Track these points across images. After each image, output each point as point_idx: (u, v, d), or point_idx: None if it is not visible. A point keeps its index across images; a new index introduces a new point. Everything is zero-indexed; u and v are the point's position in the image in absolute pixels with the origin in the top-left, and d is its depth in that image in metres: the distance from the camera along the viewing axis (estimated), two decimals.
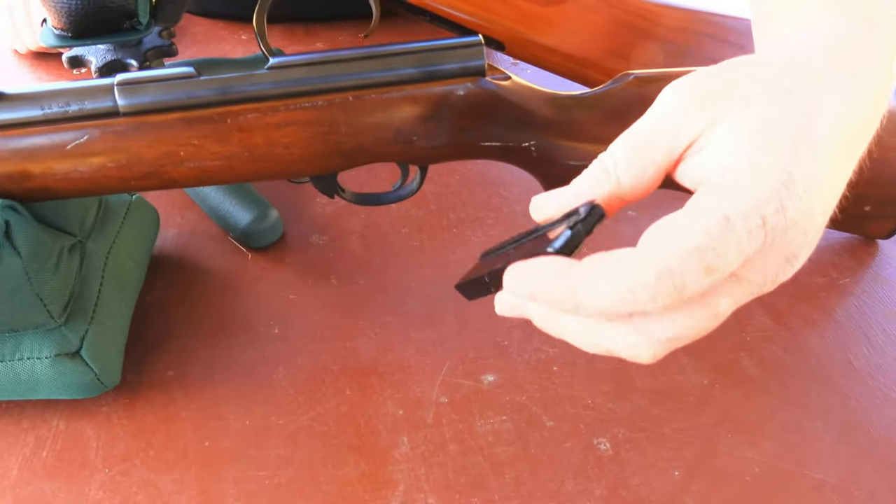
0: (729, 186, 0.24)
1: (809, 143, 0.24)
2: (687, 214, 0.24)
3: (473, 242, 0.51)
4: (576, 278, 0.24)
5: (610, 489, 0.37)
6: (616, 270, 0.23)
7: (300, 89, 0.34)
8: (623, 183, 0.26)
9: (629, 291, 0.23)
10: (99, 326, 0.38)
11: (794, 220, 0.24)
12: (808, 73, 0.26)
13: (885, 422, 0.40)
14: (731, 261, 0.23)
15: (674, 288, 0.23)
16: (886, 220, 0.48)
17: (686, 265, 0.22)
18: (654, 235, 0.24)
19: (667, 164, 0.26)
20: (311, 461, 0.38)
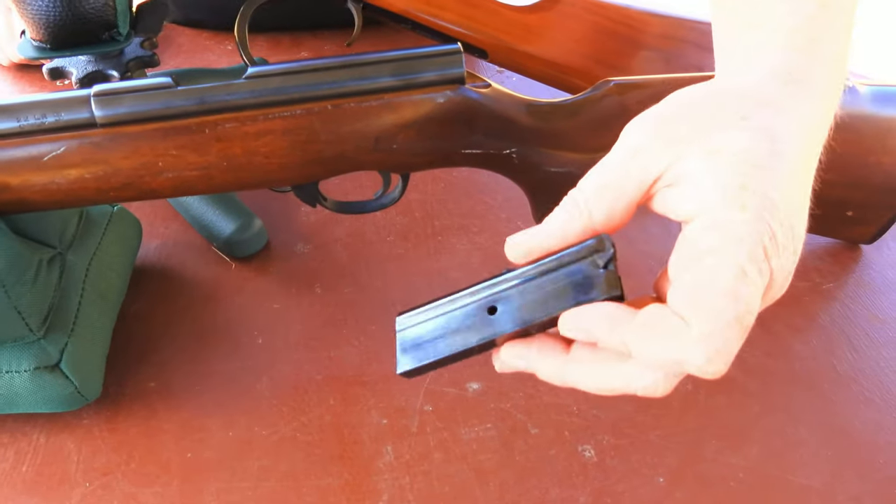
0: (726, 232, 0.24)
1: (779, 161, 0.25)
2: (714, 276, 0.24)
3: (458, 250, 0.51)
4: (630, 338, 0.25)
5: (594, 496, 0.37)
6: (669, 341, 0.24)
7: (278, 98, 0.34)
8: (595, 218, 0.27)
9: (677, 364, 0.24)
10: (79, 339, 0.37)
11: (783, 242, 0.25)
12: (759, 101, 0.27)
13: (869, 426, 0.40)
14: (757, 305, 0.24)
15: (725, 363, 0.24)
16: (869, 225, 0.48)
17: (730, 337, 0.24)
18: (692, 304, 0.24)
19: (637, 198, 0.27)
20: (295, 471, 0.38)
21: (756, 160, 0.25)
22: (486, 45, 0.51)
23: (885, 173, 0.44)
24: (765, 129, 0.26)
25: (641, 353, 0.25)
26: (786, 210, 0.25)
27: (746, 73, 0.28)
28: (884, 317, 0.47)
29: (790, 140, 0.26)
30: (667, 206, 0.27)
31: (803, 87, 0.27)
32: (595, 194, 0.27)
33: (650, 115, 0.28)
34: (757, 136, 0.26)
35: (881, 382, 0.43)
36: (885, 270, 0.50)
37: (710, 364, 0.24)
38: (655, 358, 0.25)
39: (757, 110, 0.26)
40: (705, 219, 0.25)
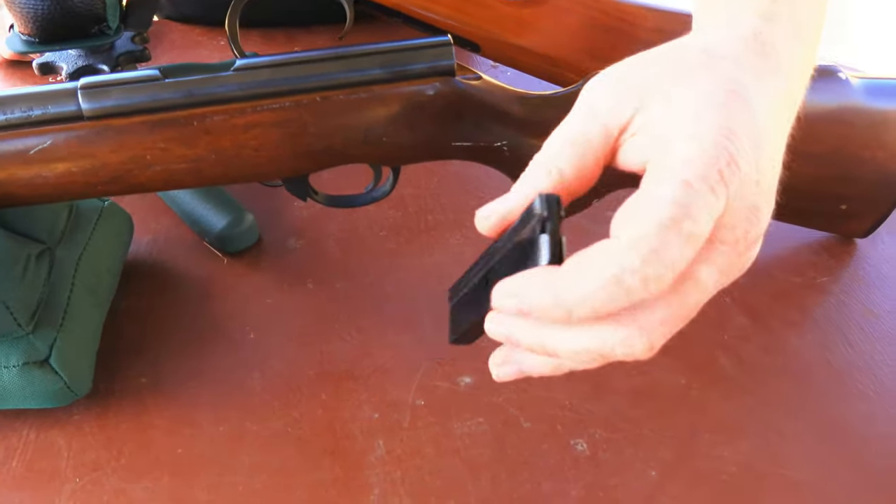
0: (679, 154, 0.24)
1: (740, 101, 0.25)
2: (650, 190, 0.24)
3: (452, 245, 0.50)
4: (561, 284, 0.23)
5: (587, 490, 0.37)
6: (600, 264, 0.23)
7: (267, 90, 0.34)
8: (567, 175, 0.26)
9: (617, 283, 0.22)
10: (68, 334, 0.37)
11: (745, 171, 0.24)
12: (722, 55, 0.26)
13: (863, 420, 0.40)
14: (705, 224, 0.23)
15: (664, 267, 0.22)
16: (863, 219, 0.48)
17: (668, 239, 0.22)
18: (626, 217, 0.23)
19: (603, 151, 0.26)
20: (286, 466, 0.38)
21: (712, 98, 0.25)
22: (479, 38, 0.51)
23: (880, 167, 0.44)
24: (724, 76, 0.26)
25: (576, 294, 0.23)
26: (747, 139, 0.24)
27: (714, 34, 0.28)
28: (878, 311, 0.47)
29: (754, 93, 0.25)
30: (629, 158, 0.26)
31: (772, 59, 0.27)
32: (562, 151, 0.26)
33: (611, 71, 0.28)
34: (715, 80, 0.25)
35: (875, 376, 0.43)
36: (879, 265, 0.50)
37: (647, 265, 0.22)
38: (592, 289, 0.22)
39: (717, 61, 0.26)
40: (658, 148, 0.25)
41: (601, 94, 0.27)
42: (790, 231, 0.51)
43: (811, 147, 0.43)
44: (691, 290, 0.24)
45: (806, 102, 0.41)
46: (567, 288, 0.23)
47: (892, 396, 0.41)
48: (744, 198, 0.24)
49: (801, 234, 0.51)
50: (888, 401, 0.41)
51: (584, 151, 0.26)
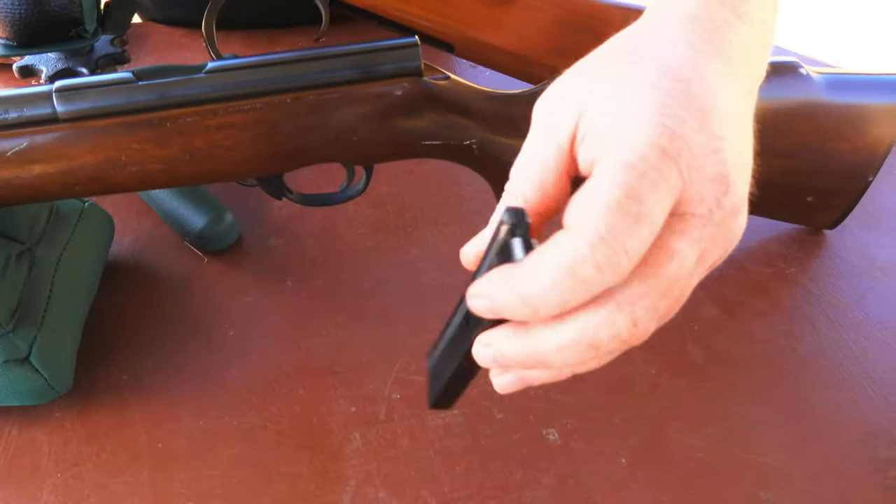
0: (617, 139, 0.24)
1: (671, 75, 0.25)
2: (593, 178, 0.24)
3: (429, 242, 0.51)
4: (520, 280, 0.23)
5: (558, 478, 0.38)
6: (552, 256, 0.22)
7: (238, 92, 0.35)
8: (531, 201, 0.26)
9: (571, 273, 0.22)
10: (49, 332, 0.38)
11: (693, 140, 0.23)
12: (645, 41, 0.27)
13: (827, 405, 0.41)
14: (655, 203, 0.23)
15: (613, 250, 0.22)
16: (831, 211, 0.49)
17: (614, 223, 0.22)
18: (573, 207, 0.23)
19: (563, 167, 0.26)
20: (264, 460, 0.38)
21: (641, 79, 0.24)
22: (453, 39, 0.52)
23: (843, 160, 0.45)
24: (651, 56, 0.25)
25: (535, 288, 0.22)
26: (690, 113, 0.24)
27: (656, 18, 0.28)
28: (846, 300, 0.48)
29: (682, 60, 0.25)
30: (586, 165, 0.25)
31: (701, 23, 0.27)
32: (522, 178, 0.26)
33: (552, 86, 0.28)
34: (644, 62, 0.25)
35: (840, 363, 0.44)
36: (847, 255, 0.51)
37: (596, 251, 0.22)
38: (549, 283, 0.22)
39: (644, 45, 0.26)
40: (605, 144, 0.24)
41: (547, 109, 0.27)
42: (761, 223, 0.52)
43: (776, 141, 0.44)
44: (665, 262, 0.24)
45: (769, 98, 0.43)
46: (526, 283, 0.23)
47: (857, 383, 0.43)
48: (701, 168, 0.24)
49: (771, 226, 0.52)
50: (852, 387, 0.42)
51: (543, 173, 0.26)
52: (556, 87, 0.28)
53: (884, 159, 0.45)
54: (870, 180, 0.46)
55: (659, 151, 0.23)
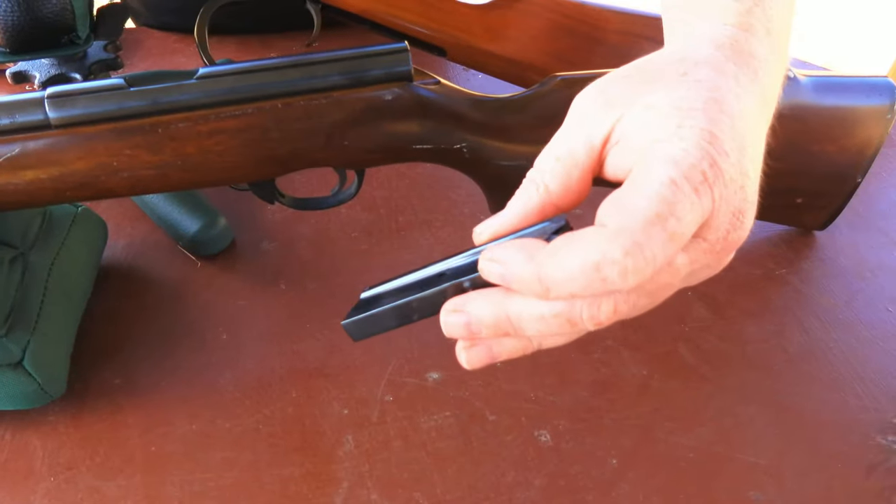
0: (663, 155, 0.24)
1: (719, 107, 0.25)
2: (636, 185, 0.24)
3: (422, 244, 0.52)
4: (546, 260, 0.24)
5: (549, 479, 0.38)
6: (583, 248, 0.23)
7: (229, 98, 0.35)
8: (553, 191, 0.27)
9: (597, 269, 0.23)
10: (42, 337, 0.38)
11: (729, 173, 0.24)
12: (698, 61, 0.27)
13: (815, 404, 0.42)
14: (689, 223, 0.24)
15: (645, 261, 0.23)
16: (819, 211, 0.50)
17: (652, 235, 0.23)
18: (613, 207, 0.24)
19: (589, 164, 0.27)
20: (257, 462, 0.39)
21: (693, 104, 0.25)
22: (445, 43, 0.53)
23: (831, 161, 0.45)
24: (703, 82, 0.26)
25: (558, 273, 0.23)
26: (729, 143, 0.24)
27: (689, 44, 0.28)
28: (835, 300, 0.48)
29: (733, 99, 0.26)
30: (614, 168, 0.26)
31: (745, 57, 0.28)
32: (549, 168, 0.27)
33: (593, 85, 0.28)
34: (695, 86, 0.26)
35: (829, 362, 0.44)
36: (836, 256, 0.51)
37: (628, 256, 0.22)
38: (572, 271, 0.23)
39: (696, 68, 0.26)
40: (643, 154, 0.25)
41: (584, 108, 0.27)
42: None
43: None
44: (664, 272, 0.25)
45: None
46: (550, 265, 0.23)
47: (846, 383, 0.43)
48: (728, 201, 0.25)
49: (761, 228, 0.53)
50: (842, 387, 0.43)
51: (569, 167, 0.26)
52: (600, 86, 0.28)
53: (871, 161, 0.46)
54: (858, 181, 0.47)
55: (701, 177, 0.24)
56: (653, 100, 0.26)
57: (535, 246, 0.24)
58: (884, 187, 0.58)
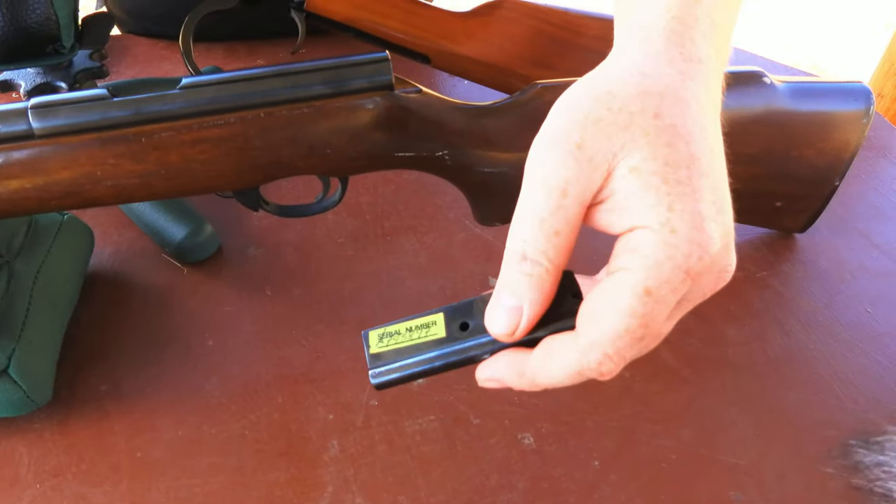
0: (647, 256, 0.25)
1: (699, 167, 0.25)
2: (615, 294, 0.25)
3: (407, 250, 0.52)
4: (533, 373, 0.28)
5: (532, 481, 0.39)
6: (563, 362, 0.27)
7: (212, 107, 0.35)
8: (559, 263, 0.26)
9: (578, 376, 0.27)
10: (27, 345, 0.38)
11: (716, 251, 0.25)
12: (662, 94, 0.26)
13: (795, 406, 0.42)
14: (660, 320, 0.26)
15: (615, 364, 0.26)
16: (799, 214, 0.50)
17: (620, 346, 0.26)
18: (589, 316, 0.26)
19: (581, 222, 0.26)
20: (242, 467, 0.39)
21: (678, 174, 0.25)
22: (428, 50, 0.53)
23: (809, 165, 0.46)
24: (678, 128, 0.25)
25: (545, 381, 0.28)
26: (714, 216, 0.25)
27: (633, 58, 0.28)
28: (815, 303, 0.49)
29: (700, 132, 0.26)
30: (603, 224, 0.27)
31: (695, 65, 0.27)
32: (552, 245, 0.26)
33: (562, 146, 0.26)
34: (671, 141, 0.25)
35: (809, 364, 0.45)
36: (817, 259, 0.52)
37: (602, 366, 0.26)
38: (558, 379, 0.27)
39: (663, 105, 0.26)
40: (635, 237, 0.25)
41: (566, 169, 0.26)
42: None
43: (743, 149, 0.45)
44: (651, 342, 0.27)
45: (735, 107, 0.44)
46: (539, 377, 0.28)
47: (826, 385, 0.44)
48: (712, 271, 0.26)
49: (742, 231, 0.53)
50: (821, 389, 0.43)
51: (570, 237, 0.26)
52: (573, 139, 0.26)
53: (849, 164, 0.46)
54: (836, 184, 0.47)
55: (683, 276, 0.25)
56: (635, 161, 0.25)
57: (520, 361, 0.28)
58: (864, 190, 0.59)
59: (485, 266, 0.51)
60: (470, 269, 0.50)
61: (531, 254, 0.26)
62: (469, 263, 0.51)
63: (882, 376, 0.44)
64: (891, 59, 1.25)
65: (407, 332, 0.30)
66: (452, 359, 0.29)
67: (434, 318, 0.30)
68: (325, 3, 0.51)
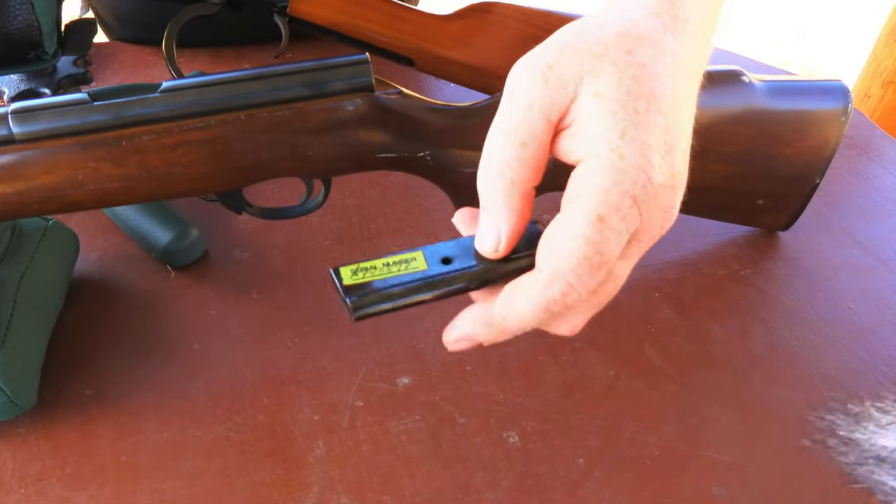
0: (595, 184, 0.26)
1: (658, 104, 0.26)
2: (568, 223, 0.26)
3: (393, 251, 0.52)
4: (499, 319, 0.29)
5: (517, 479, 0.39)
6: (528, 299, 0.27)
7: (193, 110, 0.36)
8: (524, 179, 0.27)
9: (545, 311, 0.27)
10: (11, 350, 0.38)
11: (660, 183, 0.26)
12: (638, 37, 0.27)
13: (778, 402, 0.43)
14: (615, 249, 0.26)
15: (578, 294, 0.27)
16: (781, 212, 0.51)
17: (580, 273, 0.26)
18: (547, 250, 0.27)
19: (549, 141, 0.27)
20: (228, 469, 0.39)
21: (636, 105, 0.26)
22: (412, 53, 0.53)
23: (788, 163, 0.47)
24: (646, 67, 0.27)
25: (513, 325, 0.28)
26: (664, 151, 0.26)
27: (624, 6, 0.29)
28: (798, 300, 0.49)
29: (669, 78, 0.27)
30: (563, 151, 0.28)
31: (680, 24, 0.28)
32: (515, 156, 0.27)
33: (539, 56, 0.27)
34: (637, 74, 0.26)
35: (791, 360, 0.45)
36: (799, 256, 0.53)
37: (566, 296, 0.27)
38: (526, 314, 0.28)
39: (639, 46, 0.27)
40: (585, 166, 0.26)
41: (534, 85, 0.27)
42: (715, 226, 0.54)
43: (723, 147, 0.45)
44: (608, 285, 0.29)
45: (714, 106, 0.44)
46: (508, 321, 0.29)
47: (808, 381, 0.44)
48: (658, 207, 0.27)
49: (725, 229, 0.54)
50: (804, 385, 0.44)
51: (536, 151, 0.27)
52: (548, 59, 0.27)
53: (828, 162, 0.47)
54: (817, 182, 0.48)
55: (630, 202, 0.26)
56: (600, 87, 0.26)
57: (486, 312, 0.29)
58: (845, 188, 0.59)
59: None
60: None
61: (496, 166, 0.27)
62: None
63: (864, 372, 0.44)
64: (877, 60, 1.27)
65: (385, 267, 0.29)
66: (439, 288, 0.29)
67: (414, 255, 0.29)
68: (308, 8, 0.51)
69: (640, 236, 0.28)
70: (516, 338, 0.30)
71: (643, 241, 0.28)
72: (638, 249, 0.29)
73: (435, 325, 0.46)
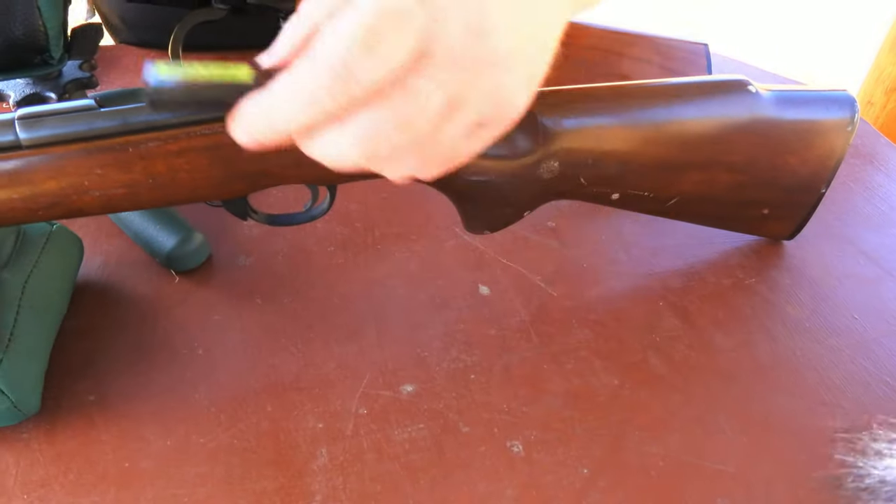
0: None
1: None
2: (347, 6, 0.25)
3: (397, 258, 0.52)
4: (267, 107, 0.27)
5: (521, 489, 0.39)
6: (297, 83, 0.25)
7: (199, 117, 0.35)
8: None
9: (311, 103, 0.25)
10: (15, 355, 0.38)
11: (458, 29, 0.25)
12: None
13: (782, 412, 0.43)
14: (394, 41, 0.24)
15: (345, 82, 0.24)
16: (786, 222, 0.51)
17: (349, 57, 0.24)
18: (318, 37, 0.25)
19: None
20: (230, 477, 0.39)
21: None
22: None
23: (793, 173, 0.46)
24: None
25: (284, 117, 0.26)
26: None
27: None
28: (802, 309, 0.49)
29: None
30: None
31: None
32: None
33: None
34: None
35: (796, 371, 0.45)
36: (803, 265, 0.53)
37: (334, 85, 0.24)
38: (298, 116, 0.26)
39: None
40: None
41: None
42: (720, 235, 0.53)
43: (728, 157, 0.45)
44: (412, 105, 0.26)
45: (720, 115, 0.44)
46: (272, 107, 0.27)
47: (812, 391, 0.44)
48: (455, 17, 0.25)
49: (730, 238, 0.54)
50: (809, 395, 0.44)
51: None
52: None
53: (834, 172, 0.47)
54: (822, 192, 0.48)
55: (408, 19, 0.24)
56: None
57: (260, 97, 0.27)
58: (850, 197, 0.59)
59: (475, 273, 0.51)
60: (460, 276, 0.51)
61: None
62: (459, 271, 0.51)
63: (869, 382, 0.44)
64: (880, 67, 1.27)
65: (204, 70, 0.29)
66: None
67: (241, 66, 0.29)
68: None
69: (436, 48, 0.25)
70: (520, 346, 0.29)
71: (443, 57, 0.26)
72: (438, 67, 0.26)
73: (440, 333, 0.46)
